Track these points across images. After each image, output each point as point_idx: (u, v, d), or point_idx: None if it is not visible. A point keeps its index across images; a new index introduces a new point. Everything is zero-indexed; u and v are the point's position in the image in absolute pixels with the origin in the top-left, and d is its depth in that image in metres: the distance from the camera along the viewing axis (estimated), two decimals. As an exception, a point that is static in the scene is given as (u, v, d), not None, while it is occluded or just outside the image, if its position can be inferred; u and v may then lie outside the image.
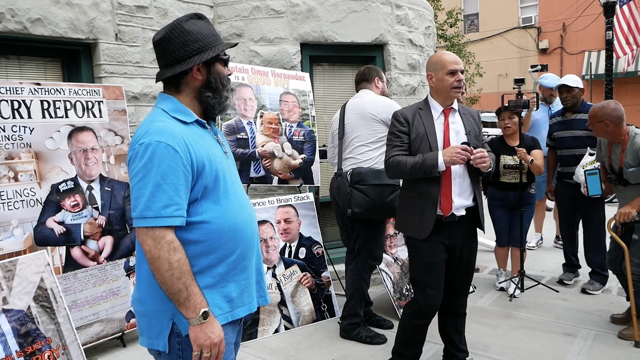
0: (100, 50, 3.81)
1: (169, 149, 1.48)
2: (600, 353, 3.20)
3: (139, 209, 1.48)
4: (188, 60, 1.60)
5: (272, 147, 4.02)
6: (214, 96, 1.66)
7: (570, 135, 4.35)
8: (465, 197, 2.72)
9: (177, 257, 1.48)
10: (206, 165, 1.55)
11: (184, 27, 1.60)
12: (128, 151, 1.56)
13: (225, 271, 1.60)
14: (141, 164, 1.48)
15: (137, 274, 1.64)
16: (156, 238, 1.46)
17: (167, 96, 1.65)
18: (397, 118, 2.78)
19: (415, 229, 2.70)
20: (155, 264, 1.47)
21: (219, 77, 1.67)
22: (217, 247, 1.57)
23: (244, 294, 1.67)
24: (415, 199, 2.70)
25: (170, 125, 1.54)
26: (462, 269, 2.80)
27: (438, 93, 2.74)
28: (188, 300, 1.48)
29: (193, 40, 1.60)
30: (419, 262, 2.74)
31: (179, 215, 1.49)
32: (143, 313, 1.61)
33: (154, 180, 1.46)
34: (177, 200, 1.48)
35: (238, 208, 1.65)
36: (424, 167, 2.58)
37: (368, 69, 3.66)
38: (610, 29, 7.91)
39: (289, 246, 3.87)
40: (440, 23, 13.15)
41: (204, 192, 1.56)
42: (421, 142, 2.68)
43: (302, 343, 3.47)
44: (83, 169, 3.34)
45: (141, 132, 1.53)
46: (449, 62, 2.67)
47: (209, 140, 1.66)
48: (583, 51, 17.22)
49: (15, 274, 2.75)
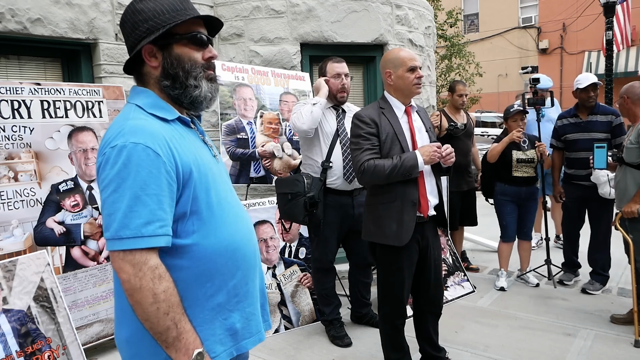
0: (100, 50, 3.81)
1: (149, 151, 1.20)
2: (600, 353, 3.20)
3: (113, 228, 1.18)
4: (138, 44, 1.33)
5: (272, 147, 4.02)
6: (174, 86, 1.35)
7: (588, 137, 4.24)
8: (435, 195, 2.72)
9: (164, 287, 1.19)
10: (194, 172, 1.28)
11: (136, 6, 1.33)
12: (97, 157, 1.25)
13: (226, 299, 1.34)
14: (114, 171, 1.19)
15: (117, 308, 1.34)
16: (136, 264, 1.17)
17: (142, 89, 1.37)
18: (362, 119, 2.63)
19: (393, 235, 2.57)
20: (136, 297, 1.17)
21: (178, 60, 1.34)
22: (213, 272, 1.31)
23: (250, 322, 1.42)
24: (391, 204, 2.59)
25: (149, 123, 1.27)
26: (435, 268, 2.78)
27: (398, 91, 2.68)
28: (178, 341, 1.21)
29: (142, 21, 1.31)
30: (392, 271, 2.67)
31: (163, 234, 1.21)
32: (131, 356, 1.33)
33: (130, 191, 1.18)
34: (161, 215, 1.20)
35: (235, 222, 1.38)
36: (404, 168, 2.49)
37: None
38: (610, 29, 7.93)
39: (289, 246, 3.87)
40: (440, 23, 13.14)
41: (193, 204, 1.28)
42: (392, 143, 2.59)
43: (302, 343, 3.47)
44: (83, 169, 3.34)
45: (113, 133, 1.24)
46: (407, 58, 2.63)
47: (195, 141, 1.39)
48: (583, 51, 17.23)
49: (15, 274, 2.75)
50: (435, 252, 2.77)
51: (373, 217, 2.69)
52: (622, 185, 3.50)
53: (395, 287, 2.68)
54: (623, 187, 3.49)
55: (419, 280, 2.77)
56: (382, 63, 2.73)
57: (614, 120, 4.19)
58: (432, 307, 2.85)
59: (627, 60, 15.93)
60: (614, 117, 4.20)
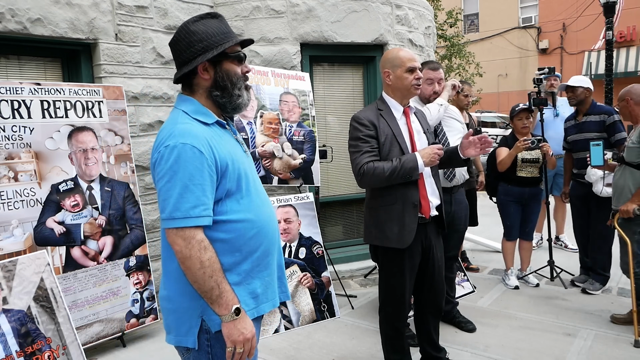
0: (100, 50, 3.80)
1: (194, 150, 1.50)
2: (600, 353, 3.20)
3: (167, 210, 1.50)
4: (193, 60, 1.61)
5: (272, 147, 4.02)
6: (223, 95, 1.66)
7: (583, 137, 4.32)
8: (436, 196, 2.71)
9: (208, 256, 1.50)
10: (229, 165, 1.57)
11: (190, 28, 1.62)
12: (152, 154, 1.58)
13: (250, 268, 1.62)
14: (167, 166, 1.50)
15: (164, 272, 1.66)
16: (187, 238, 1.48)
17: (187, 97, 1.67)
18: (360, 121, 2.61)
19: (395, 237, 2.57)
20: (187, 264, 1.49)
21: (227, 75, 1.65)
22: (242, 244, 1.60)
23: (268, 289, 1.69)
24: (391, 206, 2.58)
25: (194, 127, 1.56)
26: (439, 269, 2.78)
27: (396, 91, 2.67)
28: (220, 298, 1.51)
29: (198, 41, 1.61)
30: (394, 273, 2.66)
31: (206, 215, 1.51)
32: (171, 310, 1.61)
33: (181, 182, 1.48)
34: (204, 200, 1.51)
35: (260, 205, 1.68)
36: (404, 171, 2.47)
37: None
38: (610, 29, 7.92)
39: (289, 246, 3.88)
40: (440, 23, 13.15)
41: (228, 191, 1.58)
42: (391, 145, 2.58)
43: (302, 343, 3.47)
44: (83, 169, 3.34)
45: (165, 135, 1.55)
46: (407, 59, 2.61)
47: (230, 140, 1.68)
48: (583, 51, 17.23)
49: (15, 274, 2.75)
50: (437, 253, 2.77)
51: (374, 220, 2.68)
52: (620, 184, 3.51)
53: (397, 289, 2.68)
54: (621, 186, 3.49)
55: (420, 281, 2.77)
56: (382, 63, 2.72)
57: (606, 119, 4.23)
58: (433, 308, 2.85)
59: (627, 60, 15.93)
60: (607, 116, 4.24)
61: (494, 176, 4.49)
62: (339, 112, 4.94)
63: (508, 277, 4.53)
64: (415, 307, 2.93)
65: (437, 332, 2.92)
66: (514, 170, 4.30)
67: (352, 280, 4.68)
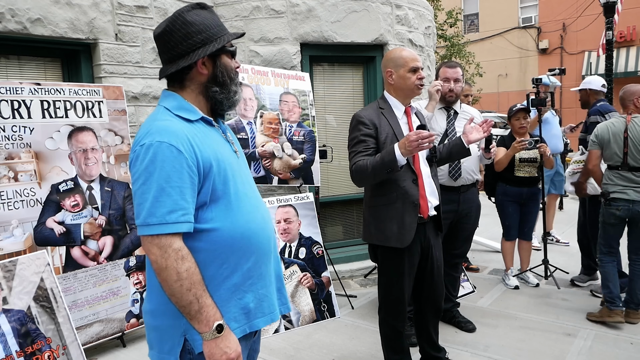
0: (100, 50, 3.81)
1: (172, 149, 1.36)
2: (600, 353, 3.20)
3: (142, 216, 1.36)
4: (192, 53, 1.48)
5: (272, 147, 4.02)
6: (222, 91, 1.54)
7: (583, 138, 4.44)
8: (435, 196, 2.71)
9: (186, 267, 1.36)
10: (214, 166, 1.44)
11: (186, 18, 1.49)
12: (130, 153, 1.45)
13: (241, 281, 1.48)
14: (142, 166, 1.36)
15: (148, 284, 1.54)
16: (162, 247, 1.34)
17: (170, 93, 1.55)
18: (361, 120, 2.60)
19: (394, 237, 2.56)
20: (162, 275, 1.35)
21: (226, 70, 1.55)
22: (229, 255, 1.45)
23: (263, 303, 1.55)
24: (391, 205, 2.58)
25: (173, 123, 1.43)
26: (438, 269, 2.78)
27: (399, 91, 2.67)
28: (200, 313, 1.37)
29: (196, 32, 1.48)
30: (393, 273, 2.66)
31: (185, 221, 1.37)
32: (154, 327, 1.50)
33: (157, 184, 1.35)
34: (183, 204, 1.37)
35: (251, 211, 1.53)
36: (384, 164, 2.44)
37: None
38: (610, 29, 7.91)
39: (289, 246, 3.88)
40: (440, 23, 13.15)
41: (213, 195, 1.44)
42: (392, 144, 2.54)
43: (302, 343, 3.47)
44: (83, 169, 3.34)
45: (142, 133, 1.42)
46: (410, 59, 2.61)
47: (217, 138, 1.54)
48: (583, 51, 17.22)
49: (15, 274, 2.75)
50: (436, 253, 2.77)
51: (374, 219, 2.68)
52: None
53: (396, 289, 2.68)
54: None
55: (420, 281, 2.77)
56: (384, 62, 2.72)
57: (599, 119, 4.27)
58: (432, 308, 2.85)
59: (627, 60, 15.93)
60: (600, 117, 4.30)
61: (492, 176, 4.49)
62: (339, 112, 4.94)
63: (508, 277, 4.53)
64: (415, 307, 2.93)
65: (436, 332, 2.92)
66: (512, 170, 4.30)
67: (352, 280, 4.69)
